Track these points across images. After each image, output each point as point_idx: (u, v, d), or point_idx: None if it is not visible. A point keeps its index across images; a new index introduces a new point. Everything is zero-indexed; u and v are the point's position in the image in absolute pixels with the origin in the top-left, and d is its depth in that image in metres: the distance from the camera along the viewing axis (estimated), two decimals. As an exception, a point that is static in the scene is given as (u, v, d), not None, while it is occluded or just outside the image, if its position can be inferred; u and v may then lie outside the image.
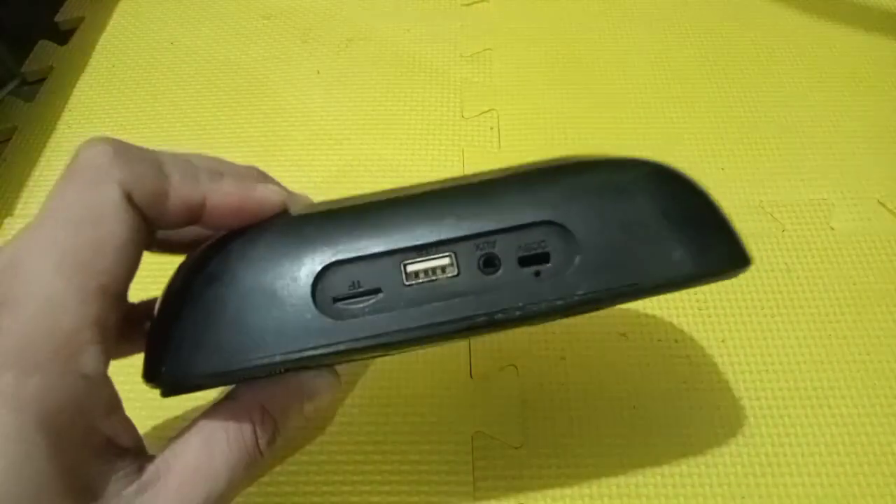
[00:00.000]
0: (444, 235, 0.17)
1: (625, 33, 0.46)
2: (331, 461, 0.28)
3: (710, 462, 0.28)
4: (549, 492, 0.27)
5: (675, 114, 0.41)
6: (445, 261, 0.17)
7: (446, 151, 0.39)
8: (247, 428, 0.17)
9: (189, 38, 0.46)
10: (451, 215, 0.17)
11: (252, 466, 0.17)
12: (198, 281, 0.17)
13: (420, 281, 0.17)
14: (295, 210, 0.19)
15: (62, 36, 0.47)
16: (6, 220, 0.36)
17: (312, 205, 0.19)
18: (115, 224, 0.15)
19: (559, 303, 0.16)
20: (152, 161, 0.17)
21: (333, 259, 0.17)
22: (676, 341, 0.31)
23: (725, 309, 0.32)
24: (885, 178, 0.38)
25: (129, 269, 0.16)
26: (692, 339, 0.31)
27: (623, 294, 0.17)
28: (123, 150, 0.16)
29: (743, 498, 0.27)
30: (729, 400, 0.29)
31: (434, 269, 0.17)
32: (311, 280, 0.16)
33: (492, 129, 0.41)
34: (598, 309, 0.18)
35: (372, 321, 0.16)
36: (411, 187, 0.19)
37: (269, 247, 0.17)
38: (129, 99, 0.42)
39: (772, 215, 0.36)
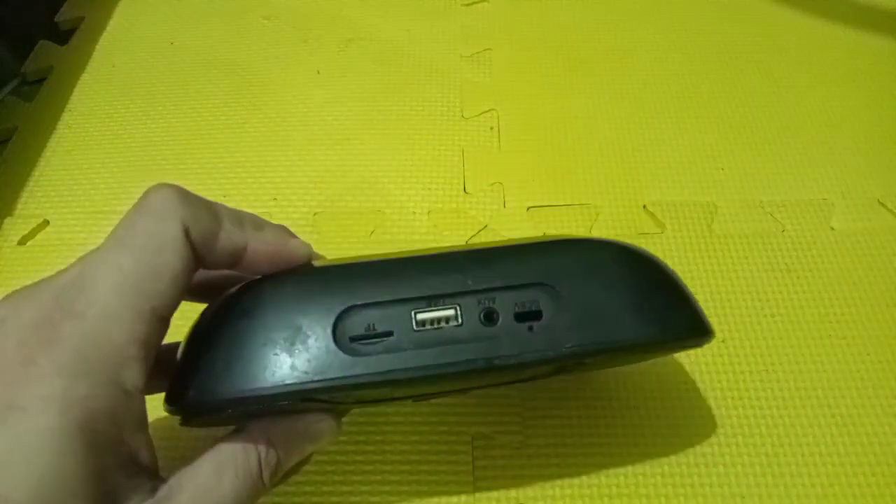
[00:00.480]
0: (450, 289, 0.19)
1: (625, 34, 0.46)
2: (331, 461, 0.28)
3: (709, 462, 0.28)
4: (549, 492, 0.27)
5: (674, 113, 0.41)
6: (451, 312, 0.19)
7: (446, 151, 0.39)
8: (253, 458, 0.19)
9: (189, 38, 0.46)
10: (458, 272, 0.19)
11: (255, 494, 0.19)
12: (229, 315, 0.19)
13: (427, 328, 0.19)
14: (316, 263, 0.21)
15: (62, 36, 0.47)
16: (6, 220, 0.36)
17: (332, 259, 0.22)
18: (173, 255, 0.17)
19: (549, 353, 0.19)
20: (208, 206, 0.19)
21: (352, 303, 0.19)
22: (676, 341, 0.31)
23: (725, 309, 0.32)
24: (885, 177, 0.38)
25: (178, 296, 0.18)
26: (692, 339, 0.31)
27: (604, 350, 0.19)
28: (186, 194, 0.19)
29: (743, 498, 0.27)
30: (729, 400, 0.29)
31: (440, 319, 0.19)
32: (332, 319, 0.18)
33: (492, 128, 0.41)
34: (582, 365, 0.21)
35: (383, 359, 0.18)
36: (423, 250, 0.21)
37: (297, 289, 0.19)
38: (129, 99, 0.42)
39: (772, 215, 0.36)
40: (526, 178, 0.38)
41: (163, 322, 0.17)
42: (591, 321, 0.19)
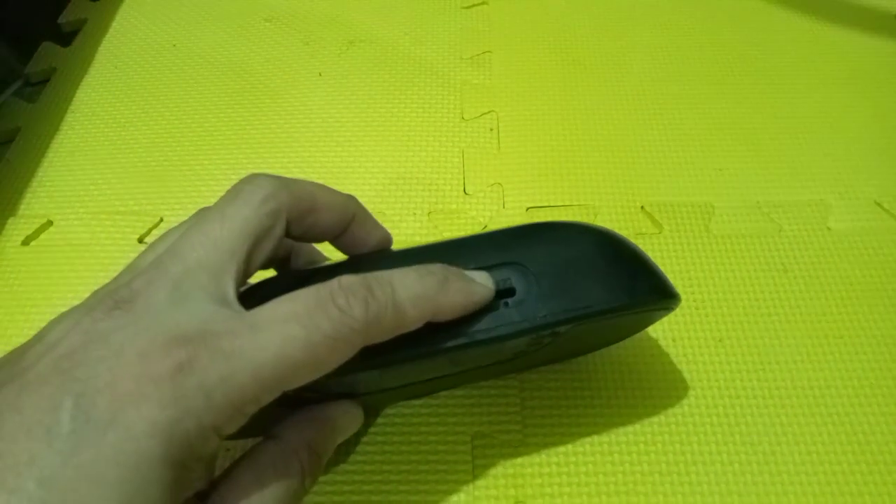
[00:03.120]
0: None
1: (623, 36, 0.46)
2: (332, 461, 0.28)
3: (707, 461, 0.28)
4: (549, 490, 0.27)
5: (673, 114, 0.41)
6: None
7: (446, 153, 0.40)
8: (295, 466, 0.19)
9: (191, 41, 0.47)
10: (436, 260, 0.20)
11: (296, 501, 0.19)
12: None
13: None
14: (302, 266, 0.24)
15: (65, 38, 0.47)
16: (10, 221, 0.37)
17: (311, 262, 0.24)
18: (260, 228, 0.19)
19: (524, 324, 0.20)
20: (300, 184, 0.21)
21: None
22: (674, 340, 0.31)
23: (723, 308, 0.33)
24: (882, 178, 0.38)
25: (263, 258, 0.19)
26: (689, 339, 0.32)
27: (576, 317, 0.20)
28: (278, 177, 0.21)
29: (740, 496, 0.27)
30: (726, 399, 0.30)
31: None
32: None
33: (491, 130, 0.41)
34: (559, 338, 0.22)
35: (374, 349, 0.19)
36: (400, 248, 0.23)
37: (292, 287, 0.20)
38: (131, 101, 0.43)
39: (769, 216, 0.36)
40: (525, 179, 0.38)
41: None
42: (562, 293, 0.20)
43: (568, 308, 0.20)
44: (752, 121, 0.41)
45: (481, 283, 0.20)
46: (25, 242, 0.36)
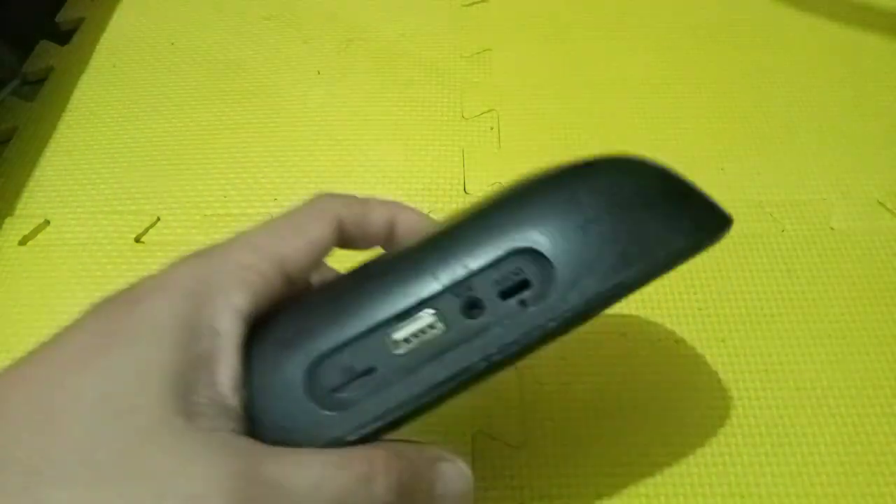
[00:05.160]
0: (419, 296, 0.16)
1: (625, 34, 0.46)
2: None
3: (709, 462, 0.28)
4: (549, 491, 0.27)
5: (674, 113, 0.41)
6: (429, 319, 0.16)
7: (446, 152, 0.39)
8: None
9: (190, 39, 0.46)
10: (423, 273, 0.17)
11: None
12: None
13: (410, 346, 0.16)
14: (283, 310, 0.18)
15: (63, 36, 0.47)
16: (7, 220, 0.36)
17: (293, 299, 0.19)
18: (316, 228, 0.19)
19: (552, 324, 0.16)
20: (357, 198, 0.20)
21: (317, 354, 0.16)
22: (676, 342, 0.31)
23: (725, 309, 0.32)
24: (884, 177, 0.38)
25: (308, 258, 0.18)
26: (692, 340, 0.31)
27: (611, 296, 0.16)
28: (337, 193, 0.20)
29: (743, 497, 0.27)
30: (729, 400, 0.29)
31: (420, 331, 0.16)
32: (300, 381, 0.16)
33: (492, 129, 0.41)
34: (594, 316, 0.18)
35: (375, 402, 0.16)
36: (377, 258, 0.19)
37: (262, 357, 0.17)
38: (129, 99, 0.42)
39: (771, 215, 0.36)
40: (526, 178, 0.38)
41: (286, 279, 0.18)
42: (587, 270, 0.16)
43: (599, 290, 0.16)
44: (755, 120, 0.41)
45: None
46: (23, 242, 0.36)
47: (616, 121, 0.41)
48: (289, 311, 0.18)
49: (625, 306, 0.32)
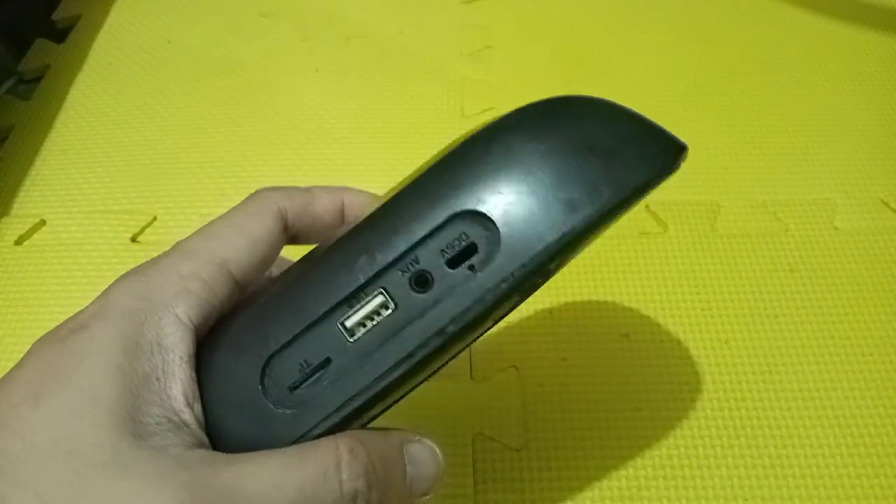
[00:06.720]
0: (363, 277, 0.16)
1: (626, 31, 0.46)
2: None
3: (712, 464, 0.28)
4: (550, 494, 0.27)
5: (677, 112, 0.41)
6: (378, 300, 0.16)
7: (446, 150, 0.39)
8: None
9: (186, 36, 0.46)
10: (363, 254, 0.16)
11: None
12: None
13: (364, 330, 0.16)
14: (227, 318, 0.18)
15: (59, 34, 0.47)
16: (3, 220, 0.36)
17: (245, 301, 0.18)
18: (262, 230, 0.18)
19: (504, 286, 0.15)
20: (301, 189, 0.20)
21: (269, 353, 0.16)
22: (679, 342, 0.31)
23: (728, 310, 0.32)
24: (888, 177, 0.38)
25: (257, 259, 0.18)
26: (695, 340, 0.31)
27: (563, 247, 0.15)
28: (278, 186, 0.20)
29: (746, 500, 0.27)
30: (732, 401, 0.29)
31: (372, 314, 0.16)
32: (256, 384, 0.16)
33: (492, 127, 0.40)
34: (552, 273, 0.17)
35: (334, 394, 0.16)
36: (318, 244, 0.18)
37: (215, 365, 0.16)
38: (125, 97, 0.42)
39: (775, 215, 0.36)
40: (526, 176, 0.38)
41: (235, 282, 0.17)
42: (533, 224, 0.15)
43: (551, 242, 0.15)
44: (758, 119, 0.41)
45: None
46: (18, 242, 0.35)
47: (617, 119, 0.40)
48: (239, 313, 0.17)
49: (626, 306, 0.32)
